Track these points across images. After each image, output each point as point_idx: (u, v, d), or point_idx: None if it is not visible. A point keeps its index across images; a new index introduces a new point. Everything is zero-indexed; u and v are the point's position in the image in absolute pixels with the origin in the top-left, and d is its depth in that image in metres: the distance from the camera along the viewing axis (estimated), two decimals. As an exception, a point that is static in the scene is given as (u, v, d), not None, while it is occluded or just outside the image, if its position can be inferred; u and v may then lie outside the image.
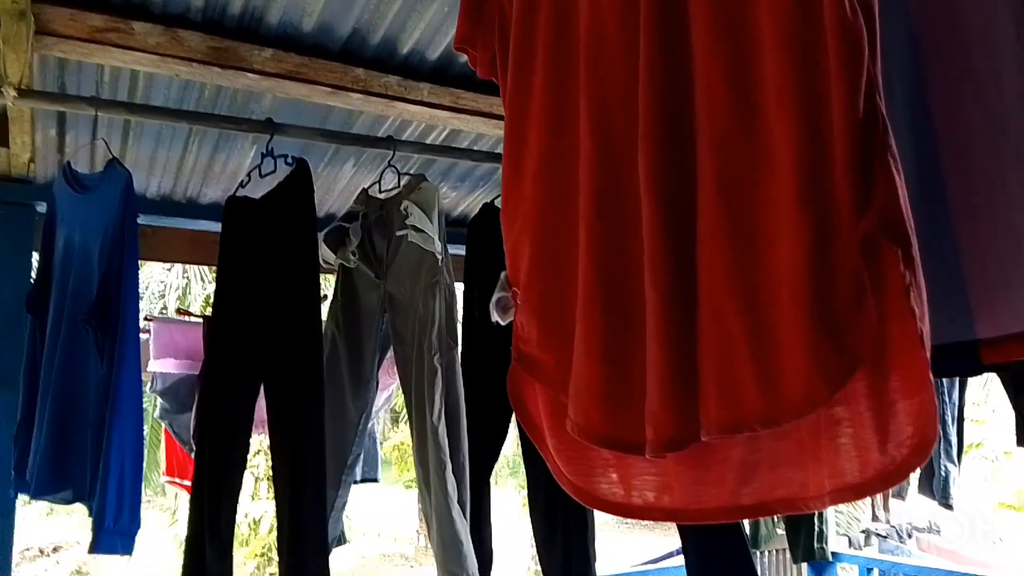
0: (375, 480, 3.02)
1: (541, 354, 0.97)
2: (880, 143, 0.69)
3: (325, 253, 2.08)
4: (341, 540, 2.11)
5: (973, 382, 2.66)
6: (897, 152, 0.69)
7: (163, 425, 3.26)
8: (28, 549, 12.60)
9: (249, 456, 2.03)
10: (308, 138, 1.98)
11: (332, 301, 2.11)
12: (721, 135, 0.79)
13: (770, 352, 0.74)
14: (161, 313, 8.58)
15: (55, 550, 12.88)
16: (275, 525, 1.80)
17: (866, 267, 0.69)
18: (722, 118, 0.79)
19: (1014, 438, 1.61)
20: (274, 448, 1.79)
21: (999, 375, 1.48)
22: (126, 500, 1.74)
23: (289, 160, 1.87)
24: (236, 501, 1.86)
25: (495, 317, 0.99)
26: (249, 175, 1.97)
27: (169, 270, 9.87)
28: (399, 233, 1.90)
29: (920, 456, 0.72)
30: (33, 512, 12.00)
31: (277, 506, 1.77)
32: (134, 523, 1.75)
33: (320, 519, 1.72)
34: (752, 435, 0.79)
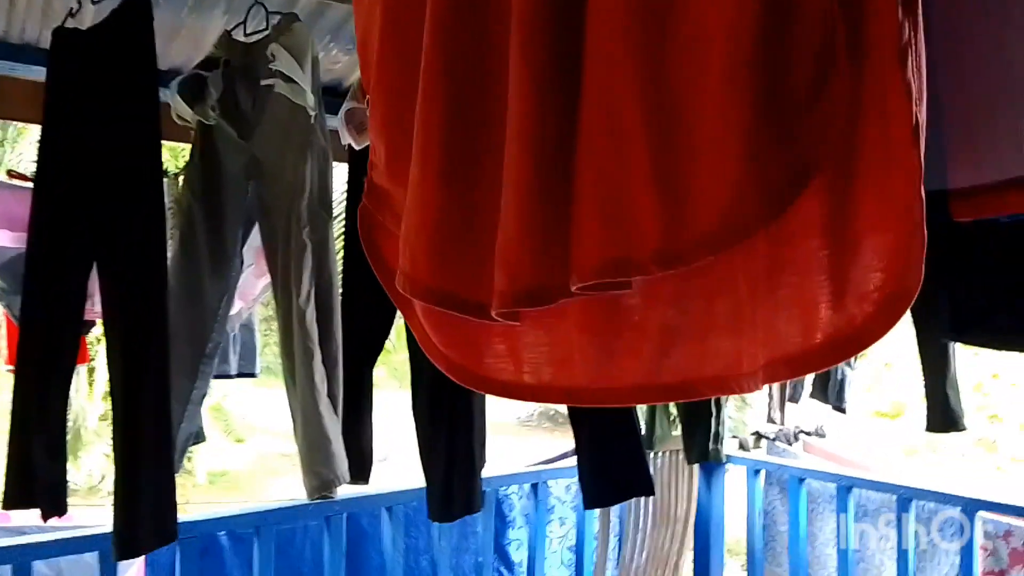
0: (253, 375, 2.79)
1: (391, 184, 0.72)
2: None
3: (180, 108, 1.77)
4: (199, 437, 1.89)
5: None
6: None
7: (1, 307, 2.88)
8: None
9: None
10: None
11: (189, 165, 1.81)
12: None
13: (680, 154, 0.51)
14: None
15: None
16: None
17: (842, 11, 0.46)
18: None
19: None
20: (108, 332, 1.53)
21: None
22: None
23: (125, -20, 1.52)
24: (68, 388, 1.60)
25: (346, 138, 0.74)
26: (79, 1, 1.62)
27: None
28: (265, 83, 1.61)
29: (891, 315, 0.52)
30: None
31: (112, 398, 1.52)
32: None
33: (161, 412, 1.49)
34: (677, 291, 0.58)
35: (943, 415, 2.27)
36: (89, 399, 8.41)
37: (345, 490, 2.25)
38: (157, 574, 2.23)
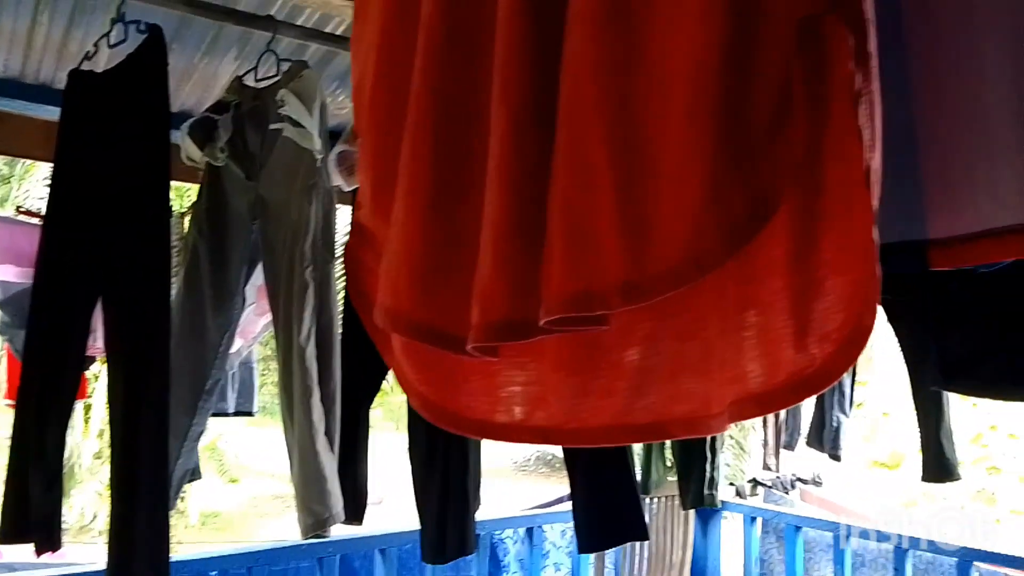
0: (251, 413, 2.79)
1: (375, 223, 0.73)
2: None
3: (190, 149, 1.81)
4: (195, 475, 1.89)
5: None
6: None
7: (2, 341, 2.88)
8: None
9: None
10: (167, 5, 1.68)
11: (196, 204, 1.84)
12: None
13: (643, 190, 0.52)
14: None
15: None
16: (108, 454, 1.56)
17: (801, 60, 0.48)
18: None
19: (908, 380, 1.51)
20: (111, 366, 1.54)
21: (890, 317, 1.35)
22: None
23: (142, 28, 1.58)
24: (66, 423, 1.62)
25: (336, 179, 0.77)
26: (96, 45, 1.67)
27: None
28: (273, 127, 1.65)
29: (849, 354, 0.53)
30: None
31: (111, 432, 1.53)
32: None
33: (159, 449, 1.50)
34: (651, 331, 0.59)
35: (937, 465, 2.28)
36: (84, 436, 8.35)
37: (338, 531, 2.24)
38: (147, 613, 2.20)
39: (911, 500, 7.18)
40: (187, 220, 1.95)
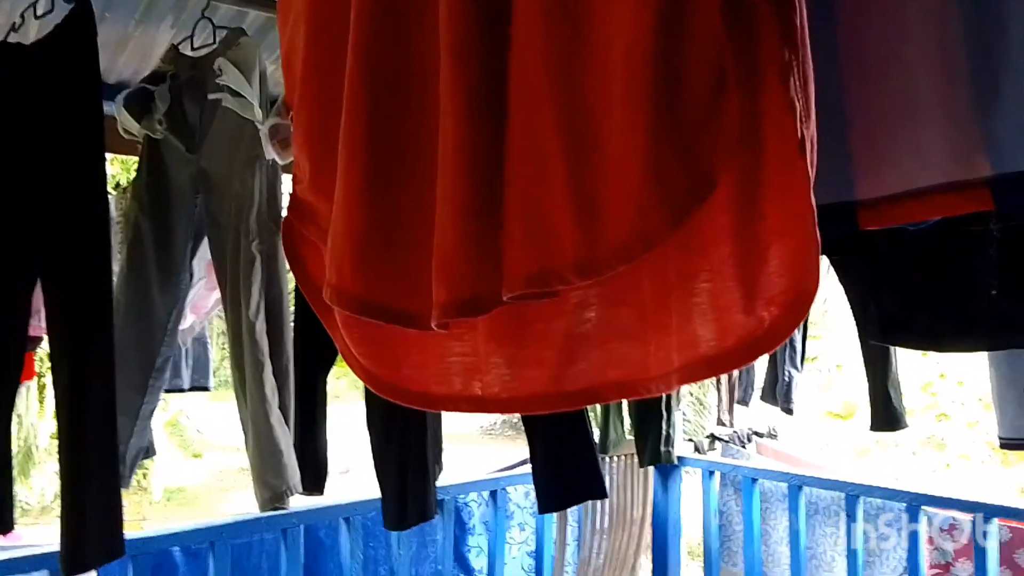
0: (206, 388, 2.76)
1: (315, 198, 0.74)
2: None
3: (127, 121, 1.76)
4: (149, 452, 1.87)
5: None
6: None
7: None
8: None
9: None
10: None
11: (136, 178, 1.80)
12: None
13: (592, 173, 0.55)
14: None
15: None
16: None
17: (730, 37, 0.50)
18: None
19: (857, 337, 1.56)
20: (52, 347, 1.51)
21: (839, 275, 1.39)
22: None
23: (69, -4, 1.52)
24: (11, 405, 1.58)
25: (270, 153, 0.77)
26: (23, 16, 1.61)
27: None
28: (212, 97, 1.61)
29: (795, 316, 0.56)
30: None
31: (57, 414, 1.50)
32: None
33: (107, 428, 1.48)
34: (580, 300, 0.62)
35: (885, 414, 2.35)
36: (40, 417, 8.20)
37: (302, 502, 2.24)
38: (109, 592, 2.19)
39: (864, 449, 7.42)
40: (129, 195, 1.90)
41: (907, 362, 2.46)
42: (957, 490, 2.77)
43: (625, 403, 2.70)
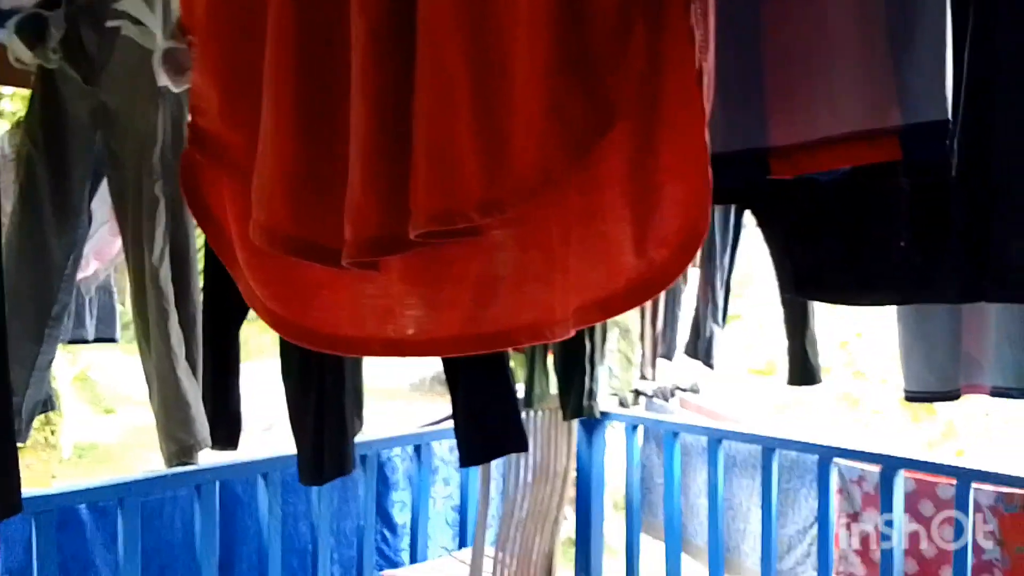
0: (113, 339, 2.65)
1: (226, 131, 0.71)
2: None
3: (18, 50, 1.62)
4: (48, 405, 1.77)
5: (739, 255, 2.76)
6: None
7: None
8: None
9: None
10: None
11: (29, 113, 1.67)
12: None
13: (498, 109, 0.54)
14: None
15: None
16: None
17: None
18: None
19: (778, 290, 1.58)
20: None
21: (761, 228, 1.40)
22: None
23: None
24: None
25: (163, 80, 0.73)
26: None
27: None
28: (111, 24, 1.49)
29: (684, 257, 0.56)
30: None
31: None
32: None
33: (-3, 377, 1.38)
34: (495, 242, 0.61)
35: (802, 370, 2.41)
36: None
37: (218, 457, 2.18)
38: (11, 550, 2.10)
39: (783, 404, 7.69)
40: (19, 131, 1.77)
41: (824, 319, 2.53)
42: (867, 444, 2.89)
43: (551, 357, 2.71)
